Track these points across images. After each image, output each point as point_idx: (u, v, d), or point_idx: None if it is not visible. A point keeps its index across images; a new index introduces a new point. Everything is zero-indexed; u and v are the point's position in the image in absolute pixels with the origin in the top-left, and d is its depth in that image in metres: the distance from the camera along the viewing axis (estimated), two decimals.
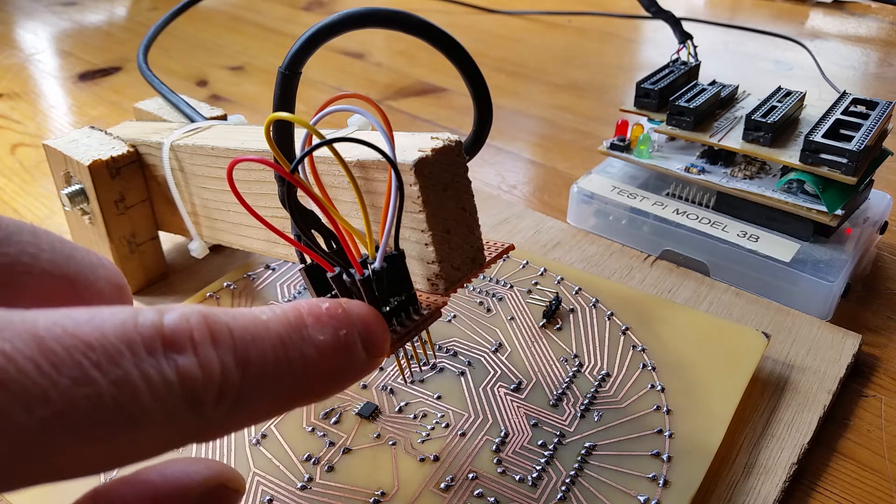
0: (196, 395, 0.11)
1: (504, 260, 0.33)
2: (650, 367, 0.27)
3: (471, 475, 0.23)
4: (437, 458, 0.23)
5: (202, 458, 0.14)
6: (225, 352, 0.12)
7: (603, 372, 0.26)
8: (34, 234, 0.14)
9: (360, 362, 0.15)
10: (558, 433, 0.24)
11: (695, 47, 0.40)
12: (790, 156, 0.32)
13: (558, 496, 0.22)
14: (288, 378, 0.13)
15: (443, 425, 0.24)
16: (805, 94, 0.36)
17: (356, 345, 0.14)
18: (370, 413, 0.25)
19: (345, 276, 0.19)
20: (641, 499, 0.22)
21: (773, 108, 0.34)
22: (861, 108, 0.34)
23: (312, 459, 0.23)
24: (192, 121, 0.31)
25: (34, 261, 0.14)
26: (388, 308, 0.19)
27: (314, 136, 0.18)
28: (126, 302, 0.16)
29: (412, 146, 0.19)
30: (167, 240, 0.35)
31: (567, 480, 0.22)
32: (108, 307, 0.11)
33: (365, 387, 0.26)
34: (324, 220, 0.20)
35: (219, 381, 0.12)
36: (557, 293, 0.30)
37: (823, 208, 0.31)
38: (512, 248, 0.22)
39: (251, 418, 0.13)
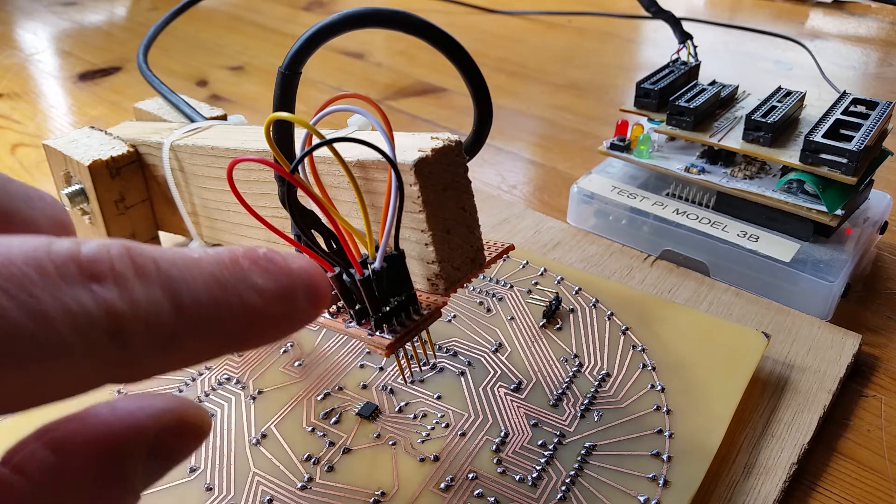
0: (121, 328, 0.10)
1: (504, 260, 0.33)
2: (650, 367, 0.27)
3: (471, 475, 0.23)
4: (437, 458, 0.23)
5: (163, 393, 0.13)
6: (152, 286, 0.11)
7: (603, 372, 0.26)
8: None
9: (302, 311, 0.14)
10: (558, 433, 0.24)
11: (695, 47, 0.40)
12: (790, 156, 0.32)
13: (558, 496, 0.22)
14: (227, 321, 0.12)
15: (443, 425, 0.24)
16: (805, 94, 0.36)
17: (297, 292, 0.13)
18: (370, 413, 0.25)
19: (345, 276, 0.19)
20: (641, 499, 0.22)
21: (773, 108, 0.34)
22: (861, 108, 0.34)
23: (312, 459, 0.23)
24: (192, 121, 0.31)
25: None
26: (388, 308, 0.19)
27: (314, 136, 0.18)
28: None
29: (412, 146, 0.19)
30: (167, 240, 0.34)
31: (567, 480, 0.22)
32: (20, 235, 0.10)
33: (365, 387, 0.26)
34: (324, 220, 0.20)
35: (146, 316, 0.11)
36: (557, 293, 0.30)
37: (823, 208, 0.31)
38: (512, 248, 0.22)
39: (187, 360, 0.12)
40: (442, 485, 0.22)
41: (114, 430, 0.12)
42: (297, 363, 0.27)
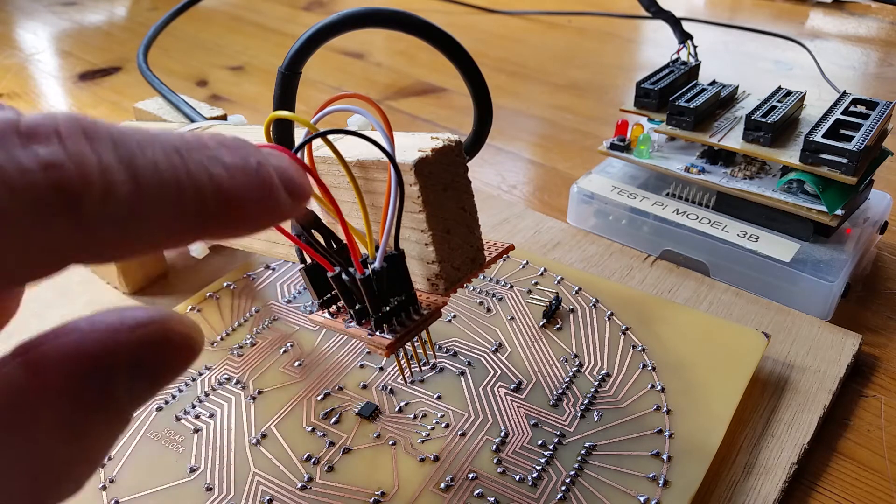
0: (71, 189, 0.09)
1: (504, 260, 0.33)
2: (650, 367, 0.27)
3: (471, 475, 0.23)
4: (437, 458, 0.23)
5: (148, 307, 0.12)
6: (103, 148, 0.10)
7: (603, 372, 0.26)
8: None
9: (281, 199, 0.12)
10: (558, 433, 0.24)
11: (695, 47, 0.40)
12: (790, 156, 0.32)
13: (558, 496, 0.22)
14: (193, 193, 0.11)
15: (443, 425, 0.24)
16: (805, 94, 0.36)
17: (273, 178, 0.12)
18: (370, 413, 0.25)
19: (345, 276, 0.19)
20: (641, 499, 0.22)
21: (773, 108, 0.34)
22: (861, 108, 0.34)
23: (312, 459, 0.23)
24: (192, 121, 0.31)
25: None
26: (388, 308, 0.19)
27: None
28: None
29: (412, 146, 0.19)
30: None
31: (567, 480, 0.22)
32: None
33: (365, 387, 0.26)
34: (324, 220, 0.20)
35: (99, 176, 0.10)
36: (557, 293, 0.30)
37: (823, 208, 0.31)
38: (512, 248, 0.22)
39: (153, 238, 0.11)
40: (442, 485, 0.22)
41: (90, 344, 0.11)
42: (297, 363, 0.27)
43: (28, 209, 0.09)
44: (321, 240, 0.20)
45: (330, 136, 0.18)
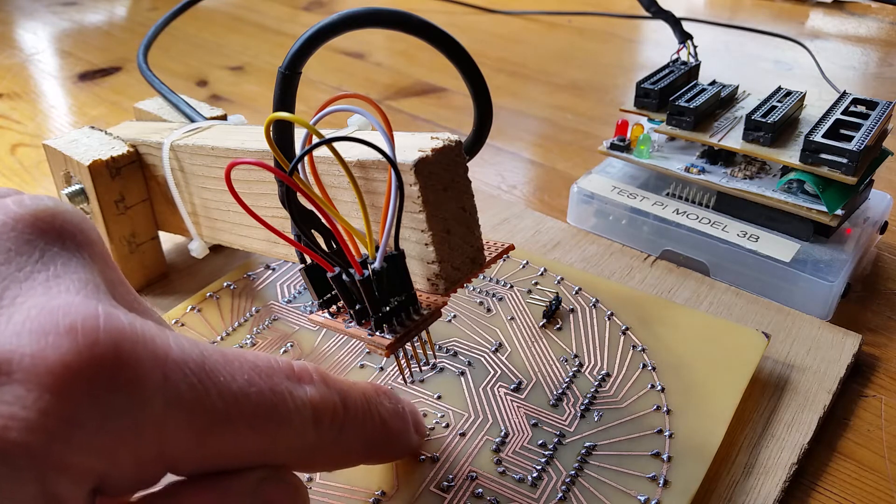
0: (318, 415, 0.16)
1: (504, 260, 0.33)
2: (650, 367, 0.27)
3: (471, 475, 0.23)
4: (436, 458, 0.23)
5: None
6: (333, 391, 0.17)
7: (603, 372, 0.26)
8: None
9: (411, 435, 0.20)
10: (558, 433, 0.24)
11: (695, 47, 0.40)
12: (790, 156, 0.32)
13: (558, 496, 0.22)
14: (370, 425, 0.18)
15: (443, 425, 0.24)
16: (805, 94, 0.36)
17: (409, 419, 0.20)
18: None
19: (344, 276, 0.19)
20: (641, 499, 0.22)
21: (773, 108, 0.34)
22: (861, 108, 0.34)
23: None
24: (192, 121, 0.31)
25: None
26: (388, 308, 0.19)
27: (314, 136, 0.18)
28: None
29: (412, 146, 0.19)
30: (167, 240, 0.34)
31: (567, 480, 0.22)
32: (254, 352, 0.16)
33: None
34: (324, 220, 0.20)
35: (331, 409, 0.16)
36: (557, 293, 0.30)
37: (823, 208, 0.31)
38: (512, 248, 0.22)
39: (345, 453, 0.18)
40: (443, 484, 0.22)
41: None
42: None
43: (297, 419, 0.16)
44: (321, 240, 0.20)
45: (329, 137, 0.18)
